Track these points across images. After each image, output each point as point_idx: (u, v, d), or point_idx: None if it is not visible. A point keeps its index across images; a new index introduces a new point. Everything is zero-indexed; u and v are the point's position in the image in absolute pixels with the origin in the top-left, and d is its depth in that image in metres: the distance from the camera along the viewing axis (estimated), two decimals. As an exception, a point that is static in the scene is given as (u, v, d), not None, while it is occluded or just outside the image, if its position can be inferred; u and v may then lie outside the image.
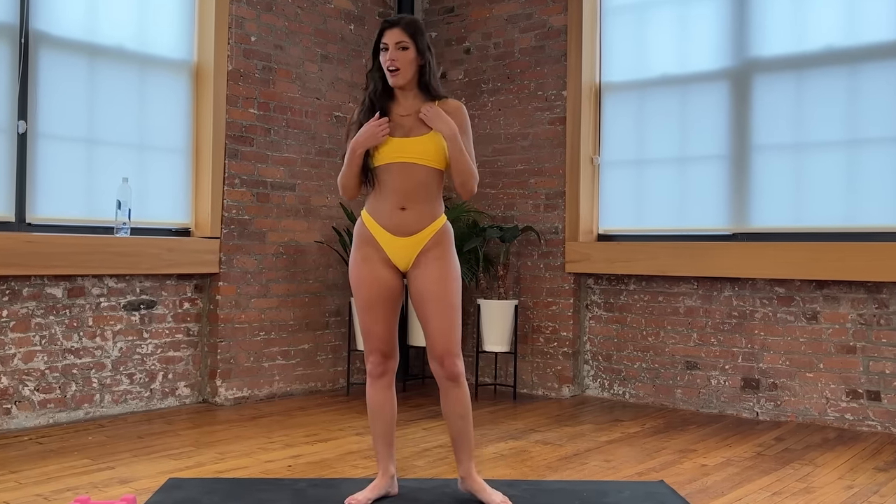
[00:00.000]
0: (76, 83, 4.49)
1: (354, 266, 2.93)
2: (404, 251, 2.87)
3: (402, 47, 2.84)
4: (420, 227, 2.86)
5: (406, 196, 2.85)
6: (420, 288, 2.86)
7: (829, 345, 4.55)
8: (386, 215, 2.87)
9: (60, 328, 4.31)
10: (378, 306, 2.89)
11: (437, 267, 2.85)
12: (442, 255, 2.87)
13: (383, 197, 2.88)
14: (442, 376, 2.88)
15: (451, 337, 2.85)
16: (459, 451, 2.96)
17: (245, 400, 4.99)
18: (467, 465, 2.96)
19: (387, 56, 2.85)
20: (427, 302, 2.85)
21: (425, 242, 2.87)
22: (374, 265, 2.88)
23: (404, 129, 2.88)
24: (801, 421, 4.59)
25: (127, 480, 3.26)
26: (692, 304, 5.00)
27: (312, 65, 5.42)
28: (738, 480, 3.40)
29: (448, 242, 2.91)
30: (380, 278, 2.88)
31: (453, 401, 2.90)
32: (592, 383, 5.39)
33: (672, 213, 5.15)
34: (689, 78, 5.12)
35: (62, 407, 4.31)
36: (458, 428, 2.92)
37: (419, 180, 2.85)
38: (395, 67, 2.84)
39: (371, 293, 2.88)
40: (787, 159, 4.75)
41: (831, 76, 4.64)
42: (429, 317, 2.86)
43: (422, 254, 2.87)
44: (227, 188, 4.93)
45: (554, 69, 5.47)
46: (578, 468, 3.57)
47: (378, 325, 2.90)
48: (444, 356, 2.85)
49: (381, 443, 2.99)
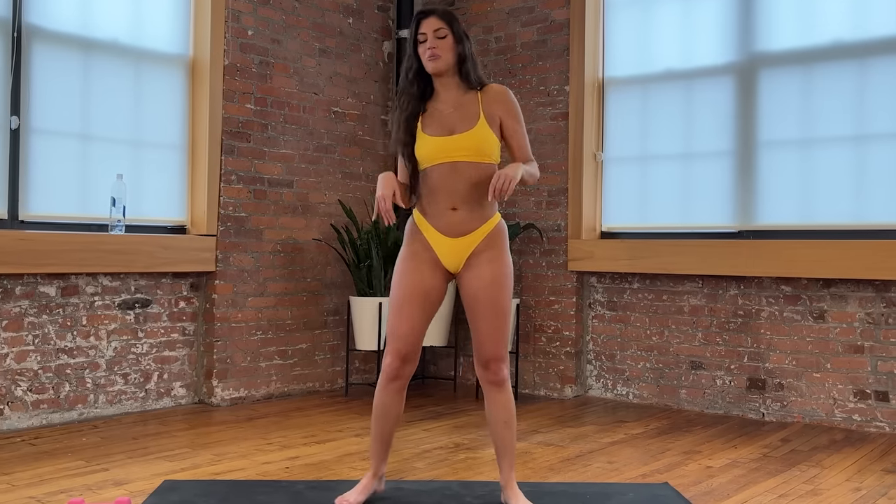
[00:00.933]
0: (70, 78, 4.47)
1: (400, 261, 2.88)
2: (455, 252, 2.83)
3: (441, 35, 2.82)
4: (472, 227, 2.82)
5: (456, 196, 2.81)
6: (472, 291, 2.83)
7: (836, 344, 4.53)
8: (437, 216, 2.83)
9: (54, 327, 4.30)
10: (411, 306, 2.83)
11: (489, 270, 2.81)
12: (496, 257, 2.83)
13: (434, 198, 2.84)
14: (487, 381, 2.86)
15: (500, 342, 2.83)
16: (501, 460, 2.93)
17: (242, 400, 4.98)
18: (507, 474, 2.92)
19: (426, 46, 2.82)
20: (479, 306, 2.82)
21: (477, 243, 2.83)
22: (421, 264, 2.84)
23: (448, 126, 2.83)
24: (808, 422, 4.58)
25: (121, 482, 3.25)
26: (697, 302, 4.99)
27: (310, 59, 5.40)
28: (743, 482, 3.39)
29: (502, 243, 2.87)
30: (423, 278, 2.83)
31: (499, 407, 2.87)
32: (595, 383, 5.38)
33: (676, 211, 5.13)
34: (694, 73, 5.10)
35: (55, 408, 4.30)
36: (501, 436, 2.89)
37: (468, 179, 2.80)
38: (436, 55, 2.81)
39: (408, 291, 2.83)
40: (793, 155, 4.74)
41: (839, 70, 4.62)
42: (479, 321, 2.83)
43: (474, 255, 2.83)
44: (224, 185, 4.92)
45: (556, 64, 5.46)
46: (581, 470, 3.56)
47: (405, 325, 2.84)
48: (490, 361, 2.83)
49: (379, 444, 2.97)
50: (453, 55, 2.84)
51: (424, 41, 2.83)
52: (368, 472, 2.99)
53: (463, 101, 2.86)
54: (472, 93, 2.88)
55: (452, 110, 2.85)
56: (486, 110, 2.85)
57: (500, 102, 2.87)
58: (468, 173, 2.81)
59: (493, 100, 2.87)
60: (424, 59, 2.83)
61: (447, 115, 2.84)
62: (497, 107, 2.87)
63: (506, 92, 2.90)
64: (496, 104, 2.87)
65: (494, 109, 2.86)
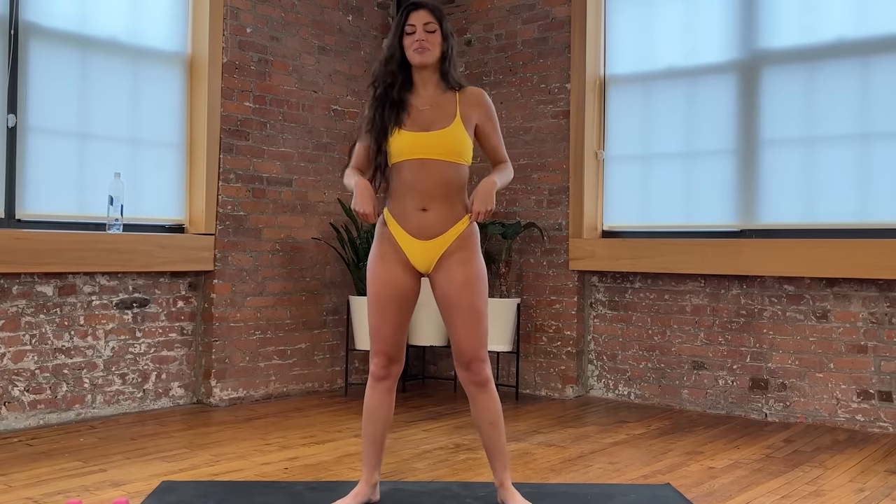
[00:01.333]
0: (67, 76, 4.48)
1: (371, 263, 2.89)
2: (425, 254, 2.84)
3: (430, 30, 2.82)
4: (443, 229, 2.82)
5: (427, 196, 2.80)
6: (445, 294, 2.83)
7: (839, 344, 4.54)
8: (407, 217, 2.83)
9: (51, 327, 4.30)
10: (389, 308, 2.85)
11: (461, 272, 2.81)
12: (467, 258, 2.83)
13: (403, 197, 2.83)
14: (469, 382, 2.87)
15: (478, 342, 2.83)
16: (493, 461, 2.93)
17: (240, 401, 4.98)
18: (502, 474, 2.92)
19: (413, 38, 2.82)
20: (453, 308, 2.82)
21: (448, 245, 2.83)
22: (391, 265, 2.84)
23: (423, 122, 2.82)
24: (811, 422, 4.59)
25: (119, 483, 3.25)
26: (699, 302, 4.99)
27: (309, 57, 5.41)
28: (746, 483, 3.39)
29: (473, 245, 2.87)
30: (394, 279, 2.84)
31: (482, 408, 2.88)
32: (597, 383, 5.39)
33: (679, 209, 5.14)
34: (697, 70, 5.10)
35: (53, 408, 4.31)
36: (489, 436, 2.89)
37: (440, 178, 2.80)
38: (424, 47, 2.81)
39: (383, 293, 2.84)
40: (796, 154, 4.74)
41: (843, 68, 4.62)
42: (455, 323, 2.83)
43: (444, 257, 2.83)
44: (222, 183, 4.93)
45: (557, 61, 5.46)
46: (582, 471, 3.57)
47: (387, 326, 2.86)
48: (470, 362, 2.84)
49: (371, 448, 2.97)
50: (439, 51, 2.85)
51: (412, 33, 2.83)
52: (361, 480, 2.98)
53: (440, 100, 2.86)
54: (450, 93, 2.88)
55: (429, 107, 2.85)
56: (462, 111, 2.86)
57: (478, 105, 2.89)
58: (439, 172, 2.80)
59: (471, 102, 2.88)
60: (410, 51, 2.83)
61: (423, 112, 2.84)
62: (474, 109, 2.88)
63: (483, 95, 2.92)
64: (474, 106, 2.88)
65: (471, 111, 2.87)
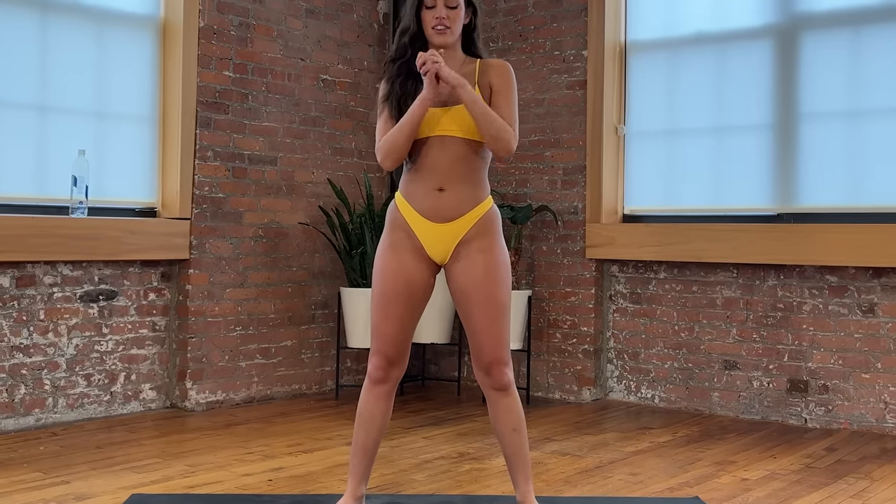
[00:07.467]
0: (26, 42, 4.46)
1: (380, 253, 2.90)
2: (442, 240, 2.84)
3: (452, 6, 2.85)
4: (461, 211, 2.84)
5: (444, 175, 2.83)
6: (463, 286, 2.84)
7: (888, 341, 4.53)
8: (421, 198, 2.84)
9: (7, 322, 4.30)
10: (396, 303, 2.85)
11: (481, 261, 2.82)
12: (488, 246, 2.85)
13: (419, 177, 2.85)
14: (488, 386, 2.87)
15: (500, 343, 2.83)
16: (515, 472, 2.92)
17: (219, 404, 4.99)
18: (524, 488, 2.91)
19: (433, 14, 2.84)
20: (472, 303, 2.83)
21: (467, 230, 2.84)
22: (403, 255, 2.85)
23: (442, 97, 2.84)
24: (856, 428, 4.58)
25: (84, 497, 3.25)
26: (731, 294, 4.98)
27: (296, 21, 5.38)
28: (783, 497, 3.39)
29: (495, 231, 2.89)
30: (406, 271, 2.84)
31: (504, 412, 2.87)
32: (617, 385, 5.39)
33: (708, 191, 5.14)
34: (728, 35, 5.09)
35: (9, 412, 4.31)
36: (511, 444, 2.89)
37: (458, 156, 2.83)
38: (444, 26, 2.84)
39: (392, 287, 2.84)
40: (840, 129, 4.73)
41: (892, 33, 4.60)
42: (474, 320, 2.83)
43: (462, 244, 2.84)
44: (199, 162, 4.91)
45: (573, 26, 5.44)
46: (601, 483, 3.57)
47: (391, 325, 2.86)
48: (491, 365, 2.84)
49: (361, 457, 2.95)
50: (461, 28, 2.89)
51: (433, 7, 2.85)
52: (346, 493, 2.95)
53: (461, 74, 2.87)
54: (470, 65, 2.92)
55: None
56: (480, 81, 2.89)
57: (497, 74, 2.90)
58: (458, 150, 2.83)
59: (491, 70, 2.90)
60: (429, 28, 2.86)
61: (441, 86, 2.85)
62: (493, 75, 2.89)
63: (505, 66, 2.94)
64: (493, 73, 2.90)
65: (489, 78, 2.89)
